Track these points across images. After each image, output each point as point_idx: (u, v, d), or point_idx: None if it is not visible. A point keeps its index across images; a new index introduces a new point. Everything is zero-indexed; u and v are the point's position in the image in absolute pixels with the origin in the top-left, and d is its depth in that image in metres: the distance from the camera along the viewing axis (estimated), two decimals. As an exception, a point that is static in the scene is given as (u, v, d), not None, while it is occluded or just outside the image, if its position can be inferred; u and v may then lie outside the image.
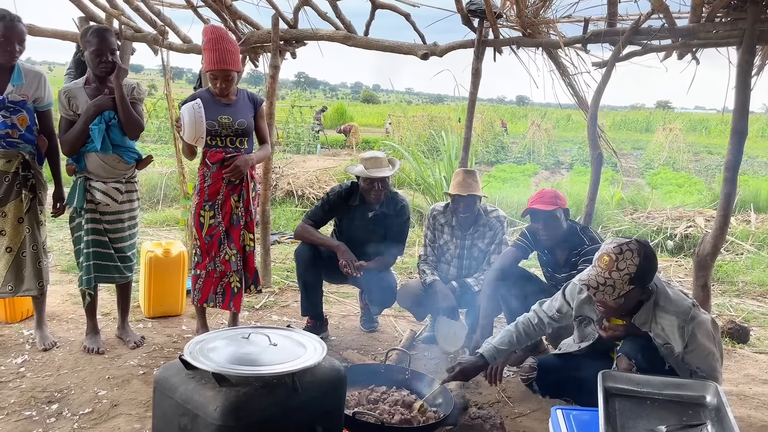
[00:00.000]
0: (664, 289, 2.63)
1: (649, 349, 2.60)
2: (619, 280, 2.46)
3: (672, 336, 2.53)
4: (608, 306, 2.57)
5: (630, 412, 2.32)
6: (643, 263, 2.48)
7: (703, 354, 2.53)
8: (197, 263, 3.85)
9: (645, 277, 2.52)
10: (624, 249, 2.49)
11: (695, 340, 2.52)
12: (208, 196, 3.74)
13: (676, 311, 2.54)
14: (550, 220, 3.37)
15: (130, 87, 3.59)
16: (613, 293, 2.48)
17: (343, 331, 4.36)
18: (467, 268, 4.01)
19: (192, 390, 2.19)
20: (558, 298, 2.99)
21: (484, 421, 2.87)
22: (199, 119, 3.46)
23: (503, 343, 2.99)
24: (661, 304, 2.58)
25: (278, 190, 8.59)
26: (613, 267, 2.47)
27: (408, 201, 4.14)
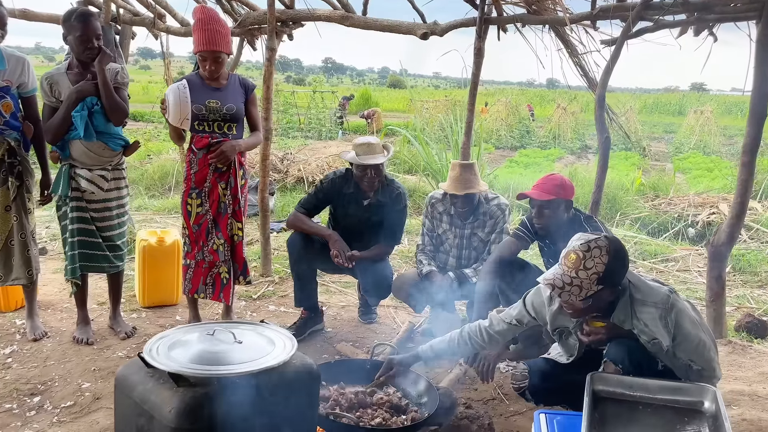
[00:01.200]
0: (638, 281, 2.43)
1: (637, 350, 2.38)
2: (587, 280, 2.27)
3: (657, 330, 2.32)
4: (575, 307, 2.37)
5: (620, 417, 2.14)
6: (612, 262, 2.27)
7: (693, 344, 2.34)
8: (187, 253, 3.75)
9: (614, 277, 2.31)
10: (592, 246, 2.28)
11: (681, 329, 2.32)
12: (194, 183, 3.63)
13: (654, 302, 2.34)
14: (546, 210, 3.16)
15: (114, 71, 3.49)
16: (579, 293, 2.28)
17: (340, 322, 4.23)
18: (466, 258, 3.84)
19: (149, 390, 2.09)
20: (517, 305, 2.75)
21: (471, 421, 2.71)
22: (183, 100, 3.36)
23: (442, 343, 2.83)
24: (638, 297, 2.38)
25: (289, 176, 8.48)
26: (579, 266, 2.27)
27: (405, 188, 3.97)
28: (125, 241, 3.77)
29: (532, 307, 2.69)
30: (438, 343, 2.85)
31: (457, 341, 2.81)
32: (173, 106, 3.36)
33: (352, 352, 3.66)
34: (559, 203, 3.15)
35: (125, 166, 3.73)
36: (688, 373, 2.38)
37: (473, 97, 4.26)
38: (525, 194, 3.19)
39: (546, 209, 3.15)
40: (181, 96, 3.35)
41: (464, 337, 2.80)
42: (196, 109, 3.46)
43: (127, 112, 3.54)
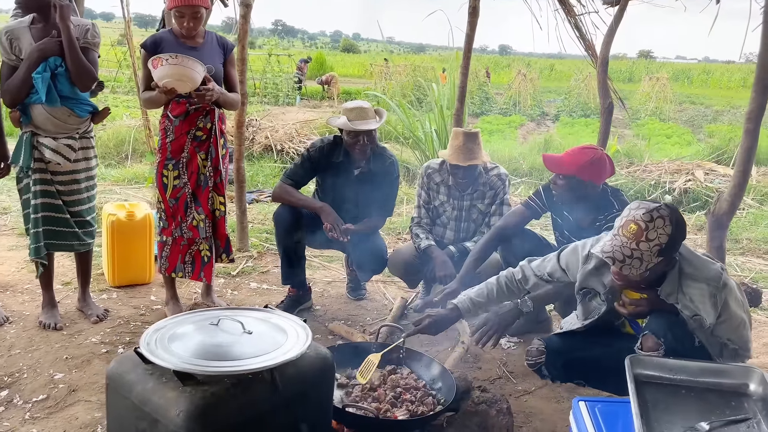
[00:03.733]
0: (690, 254, 2.31)
1: (678, 325, 2.28)
2: (648, 252, 2.12)
3: (703, 306, 2.22)
4: (630, 280, 2.25)
5: (663, 403, 2.00)
6: (675, 232, 2.14)
7: (735, 324, 2.26)
8: (163, 228, 3.44)
9: (675, 248, 2.20)
10: (655, 216, 2.13)
11: (728, 309, 2.23)
12: (170, 153, 3.31)
13: (706, 278, 2.23)
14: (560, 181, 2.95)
15: (83, 29, 3.09)
16: (640, 267, 2.15)
17: (328, 299, 4.01)
18: (465, 231, 3.65)
19: (151, 390, 1.83)
20: (551, 260, 2.66)
21: (489, 405, 2.55)
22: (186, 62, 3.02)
23: (480, 296, 2.71)
24: (688, 271, 2.26)
25: (255, 144, 8.09)
26: (642, 237, 2.12)
27: (396, 157, 3.73)
28: (95, 217, 3.43)
29: (566, 264, 2.59)
30: (476, 296, 2.70)
31: (497, 292, 2.70)
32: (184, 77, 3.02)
33: (346, 331, 3.45)
34: (579, 182, 2.89)
35: (93, 135, 3.36)
36: (722, 351, 2.29)
37: (467, 60, 4.02)
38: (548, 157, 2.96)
39: (562, 180, 2.94)
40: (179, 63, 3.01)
41: (502, 287, 2.70)
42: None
43: (95, 76, 3.15)
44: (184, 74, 3.04)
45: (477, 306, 2.70)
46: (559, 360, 2.62)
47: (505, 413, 2.55)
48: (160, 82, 3.05)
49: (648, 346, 2.29)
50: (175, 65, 3.01)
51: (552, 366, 2.63)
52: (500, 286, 2.71)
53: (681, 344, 2.25)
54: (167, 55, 3.03)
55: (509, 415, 2.56)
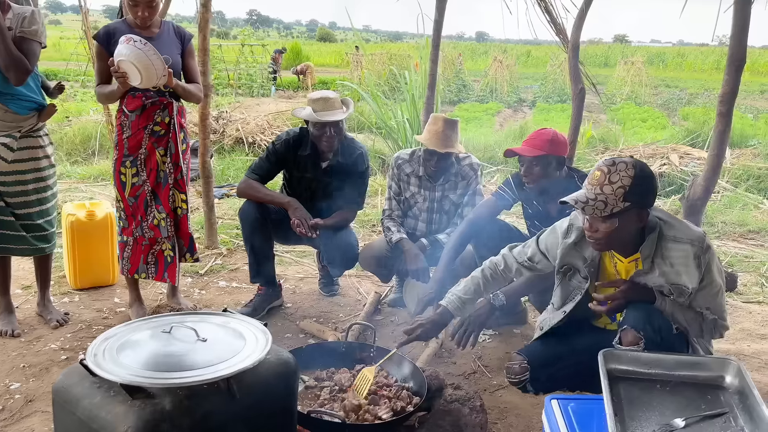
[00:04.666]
0: (672, 219, 2.29)
1: (655, 315, 2.22)
2: (612, 195, 2.12)
3: (685, 269, 2.19)
4: (601, 232, 2.19)
5: (638, 399, 1.94)
6: (639, 177, 2.13)
7: (715, 290, 2.23)
8: (123, 228, 3.31)
9: (642, 196, 2.15)
10: (617, 161, 2.17)
11: (710, 273, 2.21)
12: (128, 150, 3.17)
13: (690, 239, 2.20)
14: (536, 167, 2.90)
15: (20, 17, 2.91)
16: (605, 209, 2.12)
17: (300, 296, 3.90)
18: (438, 223, 3.56)
19: (98, 404, 1.71)
20: (530, 244, 2.63)
21: (462, 403, 2.47)
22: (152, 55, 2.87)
23: (467, 292, 2.65)
24: (670, 234, 2.22)
25: (226, 137, 7.91)
26: (605, 181, 2.13)
27: (366, 148, 3.62)
28: (51, 220, 3.26)
29: (545, 246, 2.55)
30: (464, 294, 2.64)
31: (483, 285, 2.65)
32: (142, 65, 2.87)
33: (318, 329, 3.35)
34: (550, 159, 2.88)
35: (44, 133, 3.18)
36: (701, 326, 2.24)
37: (437, 47, 3.91)
38: (513, 150, 2.92)
39: (536, 166, 2.89)
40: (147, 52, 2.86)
41: (488, 278, 2.65)
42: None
43: (28, 68, 2.91)
44: (144, 64, 2.89)
45: (466, 303, 2.64)
46: (543, 374, 2.55)
47: (478, 411, 2.47)
48: (116, 60, 2.90)
49: (628, 341, 2.22)
50: (140, 51, 2.86)
51: (536, 381, 2.55)
52: (485, 278, 2.66)
53: (660, 335, 2.19)
54: (139, 38, 2.89)
55: (483, 412, 2.49)
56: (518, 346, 3.35)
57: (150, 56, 2.88)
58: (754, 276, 4.36)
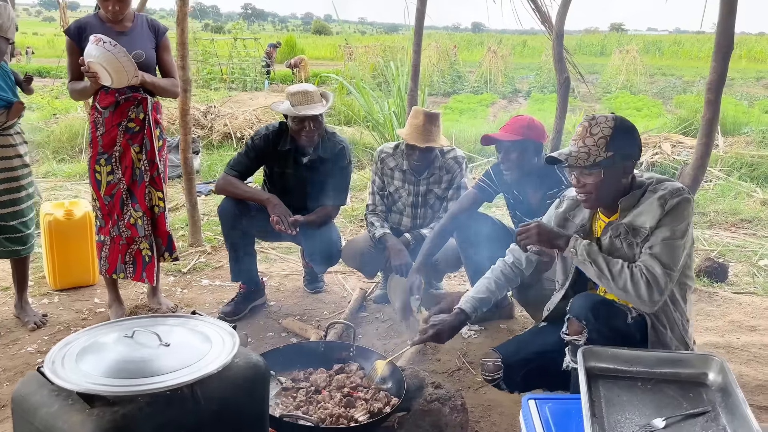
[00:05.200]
0: (664, 179, 2.22)
1: (604, 304, 2.16)
2: (594, 146, 2.10)
3: (648, 209, 2.12)
4: (588, 186, 2.15)
5: (618, 398, 1.87)
6: (620, 128, 2.11)
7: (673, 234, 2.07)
8: (100, 227, 3.24)
9: (624, 145, 2.11)
10: (598, 116, 2.16)
11: (672, 216, 2.08)
12: (102, 147, 3.10)
13: (665, 187, 2.14)
14: (513, 152, 2.83)
15: None
16: (588, 159, 2.10)
17: (284, 293, 3.84)
18: (422, 218, 3.49)
19: (55, 414, 1.64)
20: None
21: (442, 403, 2.41)
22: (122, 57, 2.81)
23: (481, 292, 2.53)
24: (651, 188, 2.17)
25: (214, 132, 7.82)
26: (586, 134, 2.12)
27: (347, 142, 3.55)
28: (27, 222, 3.19)
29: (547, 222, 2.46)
30: (478, 294, 2.52)
31: (496, 284, 2.54)
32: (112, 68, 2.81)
33: (300, 328, 3.29)
34: (528, 145, 2.81)
35: (16, 132, 3.11)
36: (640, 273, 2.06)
37: (419, 37, 3.83)
38: (490, 136, 2.84)
39: (513, 152, 2.82)
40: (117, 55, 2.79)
41: (500, 277, 2.55)
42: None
43: None
44: (114, 66, 2.83)
45: (482, 303, 2.54)
46: (517, 373, 2.46)
47: (459, 410, 2.42)
48: (86, 60, 2.83)
49: (573, 330, 2.17)
50: (109, 53, 2.80)
51: (510, 379, 2.47)
52: (497, 277, 2.56)
53: (605, 324, 2.11)
54: (109, 39, 2.81)
55: (464, 411, 2.43)
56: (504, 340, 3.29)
57: (120, 58, 2.82)
58: (746, 266, 4.29)
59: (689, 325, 2.32)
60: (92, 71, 2.85)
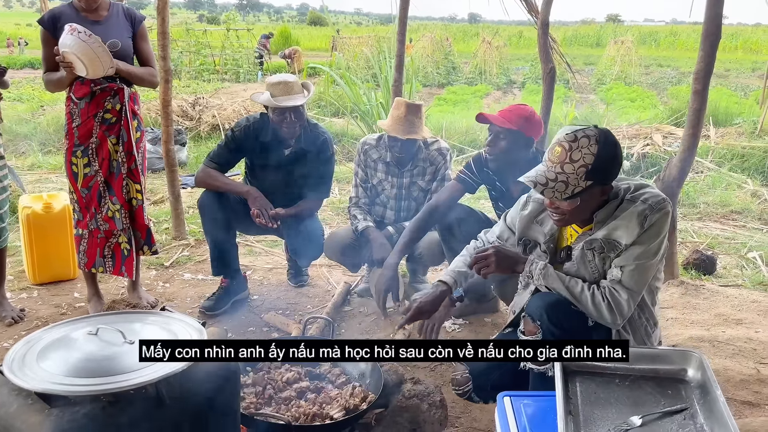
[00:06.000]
0: (641, 186, 2.10)
1: (560, 305, 2.09)
2: (573, 175, 1.93)
3: (626, 224, 2.00)
4: (561, 209, 2.04)
5: (595, 396, 1.83)
6: (602, 152, 1.93)
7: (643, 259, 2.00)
8: (78, 221, 3.19)
9: (606, 171, 1.97)
10: (579, 136, 1.94)
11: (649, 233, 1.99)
12: (78, 139, 3.04)
13: (645, 199, 2.01)
14: (502, 140, 2.76)
15: None
16: (565, 190, 1.95)
17: (267, 287, 3.79)
18: (406, 210, 3.44)
19: (14, 414, 1.60)
20: (500, 223, 2.50)
21: (420, 399, 2.37)
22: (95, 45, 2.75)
23: (458, 266, 2.48)
24: (628, 197, 2.05)
25: (202, 123, 7.74)
26: (565, 158, 1.93)
27: (330, 134, 3.49)
28: (2, 215, 3.13)
29: (511, 220, 2.40)
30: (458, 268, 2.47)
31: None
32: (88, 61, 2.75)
33: (281, 322, 3.24)
34: (519, 137, 2.74)
35: None
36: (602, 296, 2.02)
37: (403, 26, 3.76)
38: (486, 116, 2.76)
39: (503, 139, 2.75)
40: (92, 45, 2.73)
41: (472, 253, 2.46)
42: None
43: None
44: (89, 56, 2.78)
45: (461, 275, 2.48)
46: (485, 382, 2.41)
47: (438, 406, 2.37)
48: (60, 50, 2.78)
49: (528, 330, 2.12)
50: (84, 43, 2.74)
51: (480, 389, 2.42)
52: (471, 254, 2.49)
53: (561, 327, 2.04)
54: (84, 29, 2.75)
55: (443, 408, 2.39)
56: (487, 335, 3.26)
57: (95, 49, 2.76)
58: (735, 258, 4.26)
59: (656, 328, 2.25)
60: (67, 61, 2.80)
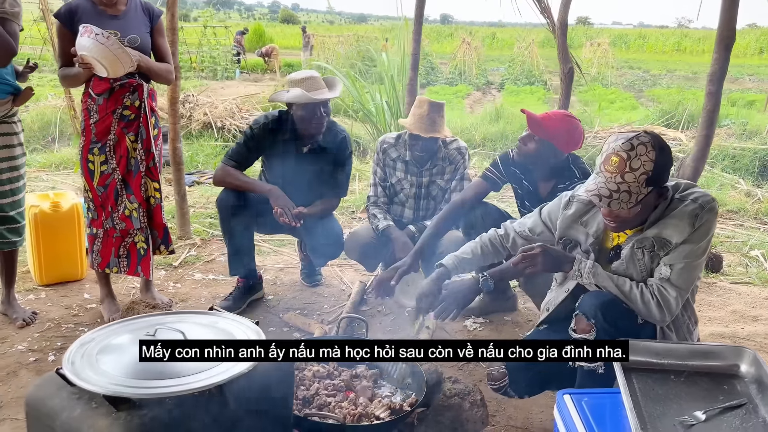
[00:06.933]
0: (687, 184, 2.13)
1: (612, 303, 2.11)
2: (635, 183, 1.93)
3: (677, 222, 2.03)
4: (621, 217, 2.05)
5: (654, 392, 1.85)
6: (660, 157, 1.95)
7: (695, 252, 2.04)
8: (92, 220, 3.10)
9: (662, 175, 2.00)
10: (635, 144, 1.95)
11: (699, 233, 2.02)
12: (95, 136, 2.96)
13: (695, 198, 2.04)
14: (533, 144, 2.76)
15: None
16: (629, 200, 1.95)
17: (281, 287, 3.75)
18: (425, 209, 3.44)
19: (78, 418, 1.55)
20: (533, 215, 2.48)
21: (462, 398, 2.36)
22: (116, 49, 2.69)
23: (465, 253, 2.51)
24: (677, 197, 2.07)
25: (194, 122, 7.62)
26: (625, 168, 1.93)
27: (348, 132, 3.46)
28: (22, 212, 3.05)
29: (548, 215, 2.40)
30: (462, 254, 2.50)
31: (482, 249, 2.51)
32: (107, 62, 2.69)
33: (303, 322, 3.21)
34: (548, 146, 2.75)
35: (18, 119, 2.97)
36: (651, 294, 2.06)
37: (419, 26, 3.76)
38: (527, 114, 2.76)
39: (534, 143, 2.77)
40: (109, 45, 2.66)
41: (486, 244, 2.51)
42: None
43: (14, 49, 2.73)
44: (109, 59, 2.71)
45: (464, 263, 2.50)
46: (522, 377, 2.42)
47: (479, 405, 2.37)
48: (79, 52, 2.70)
49: (581, 328, 2.12)
50: (102, 45, 2.67)
51: (516, 384, 2.43)
52: (484, 243, 2.53)
53: (615, 325, 2.06)
54: (100, 30, 2.67)
55: (483, 406, 2.39)
56: (509, 333, 3.27)
57: (114, 50, 2.70)
58: (737, 256, 4.35)
59: (695, 326, 2.29)
60: (86, 62, 2.72)
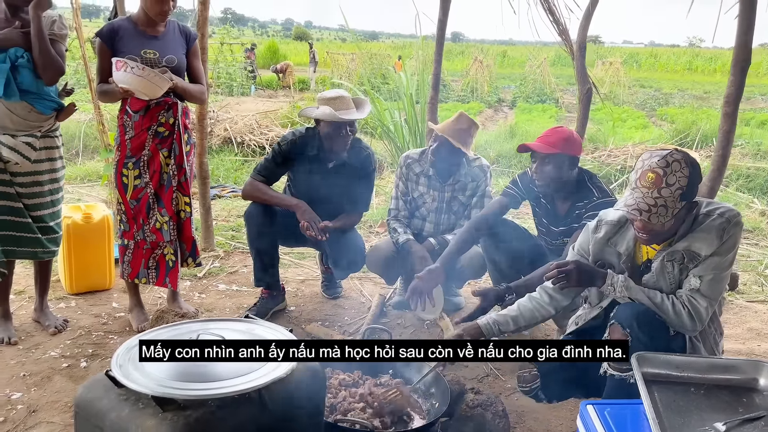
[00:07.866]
0: (710, 201, 2.24)
1: (647, 314, 2.19)
2: (671, 198, 2.03)
3: (706, 236, 2.12)
4: (655, 231, 2.13)
5: (674, 403, 1.91)
6: (693, 174, 2.06)
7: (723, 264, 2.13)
8: (124, 232, 3.20)
9: (694, 190, 2.11)
10: (670, 161, 2.04)
11: (727, 246, 2.13)
12: (130, 151, 3.08)
13: (722, 212, 2.14)
14: (548, 165, 2.86)
15: (50, 20, 2.86)
16: (666, 214, 2.05)
17: (302, 299, 3.83)
18: (445, 224, 3.52)
19: (126, 417, 1.64)
20: (568, 257, 2.49)
21: (484, 409, 2.43)
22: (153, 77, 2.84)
23: (507, 315, 2.46)
24: (704, 211, 2.17)
25: (214, 137, 7.78)
26: (662, 183, 2.02)
27: (372, 149, 3.57)
28: (60, 223, 3.18)
29: (580, 247, 2.43)
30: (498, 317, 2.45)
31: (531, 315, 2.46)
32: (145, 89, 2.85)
33: (325, 333, 3.29)
34: (564, 159, 2.83)
35: (60, 134, 3.13)
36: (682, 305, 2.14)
37: (440, 46, 3.88)
38: (528, 146, 2.86)
39: (549, 164, 2.84)
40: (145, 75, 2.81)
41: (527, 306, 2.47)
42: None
43: (63, 69, 2.90)
44: (147, 87, 2.87)
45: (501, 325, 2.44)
46: (554, 381, 2.49)
47: (501, 416, 2.44)
48: (119, 84, 2.84)
49: (616, 338, 2.20)
50: (139, 77, 2.82)
51: (547, 388, 2.50)
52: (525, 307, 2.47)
53: (649, 335, 2.14)
54: (134, 63, 2.81)
55: (505, 417, 2.45)
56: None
57: (151, 79, 2.85)
58: (753, 275, 4.40)
59: (721, 337, 2.36)
60: (125, 90, 2.86)
